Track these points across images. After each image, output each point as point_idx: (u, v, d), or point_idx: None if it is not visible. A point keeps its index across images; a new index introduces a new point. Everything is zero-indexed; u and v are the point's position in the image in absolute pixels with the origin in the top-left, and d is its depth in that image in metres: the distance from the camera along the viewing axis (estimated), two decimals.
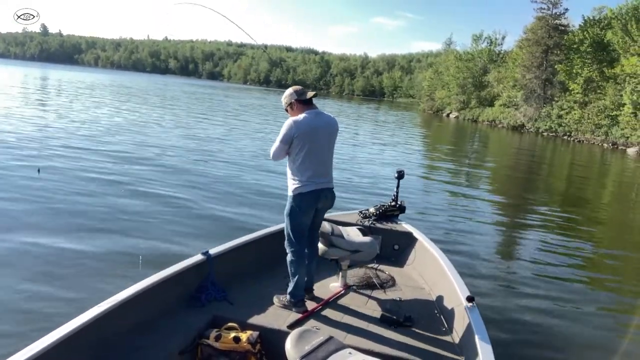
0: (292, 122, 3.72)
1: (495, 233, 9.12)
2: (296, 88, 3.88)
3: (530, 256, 7.61)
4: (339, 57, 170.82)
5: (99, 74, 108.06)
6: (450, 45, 78.58)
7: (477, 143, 31.46)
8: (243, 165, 12.87)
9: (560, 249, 8.09)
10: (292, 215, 3.80)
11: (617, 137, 34.80)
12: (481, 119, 54.68)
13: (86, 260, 5.60)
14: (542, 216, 10.63)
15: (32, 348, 2.53)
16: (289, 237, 3.86)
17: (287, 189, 3.85)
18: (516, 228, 9.73)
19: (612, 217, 11.91)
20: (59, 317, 4.08)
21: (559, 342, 4.83)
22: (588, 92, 40.09)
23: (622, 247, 9.22)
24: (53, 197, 8.03)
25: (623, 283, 7.09)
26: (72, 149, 12.49)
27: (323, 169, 3.84)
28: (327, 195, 3.89)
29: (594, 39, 40.59)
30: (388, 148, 20.80)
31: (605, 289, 6.68)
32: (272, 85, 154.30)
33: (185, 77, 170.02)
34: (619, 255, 8.53)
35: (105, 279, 5.09)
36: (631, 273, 7.62)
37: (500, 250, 8.16)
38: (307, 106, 3.83)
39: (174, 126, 20.47)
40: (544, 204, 12.42)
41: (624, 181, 19.50)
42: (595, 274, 7.28)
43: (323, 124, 3.82)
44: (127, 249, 6.04)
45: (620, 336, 5.21)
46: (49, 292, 4.77)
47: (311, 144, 3.72)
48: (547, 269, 7.03)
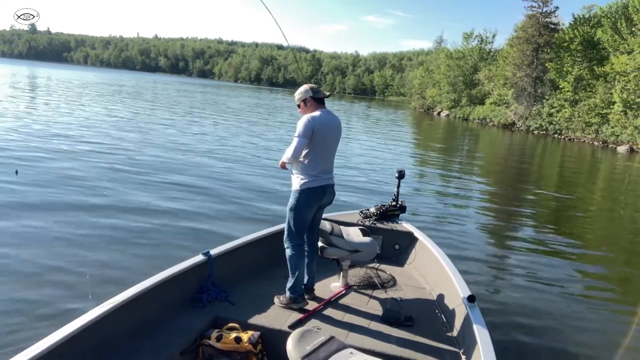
0: (311, 118, 3.80)
1: (495, 233, 9.09)
2: (312, 86, 3.99)
3: (532, 256, 7.60)
4: (330, 55, 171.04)
5: (87, 72, 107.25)
6: (441, 43, 79.09)
7: (468, 142, 31.52)
8: (246, 163, 12.86)
9: (561, 250, 8.11)
10: (297, 209, 3.84)
11: (608, 136, 35.01)
12: (472, 117, 54.94)
13: (79, 264, 5.50)
14: (541, 216, 10.66)
15: (34, 349, 2.52)
16: (291, 232, 3.88)
17: (292, 183, 3.89)
18: (516, 228, 9.69)
19: (610, 217, 11.95)
20: (53, 320, 4.04)
21: (560, 341, 4.84)
22: (578, 90, 40.34)
23: (622, 247, 9.23)
24: (39, 197, 7.91)
25: (623, 283, 7.09)
26: (69, 147, 12.37)
27: (329, 165, 3.97)
28: (331, 191, 3.99)
29: (584, 37, 40.87)
30: (381, 147, 20.79)
31: (606, 290, 6.68)
32: (263, 84, 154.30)
33: (176, 75, 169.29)
34: (618, 255, 8.54)
35: (103, 283, 5.03)
36: (631, 273, 7.63)
37: (502, 249, 8.11)
38: (320, 105, 3.94)
39: (177, 125, 20.38)
40: (544, 203, 12.43)
41: (616, 179, 19.63)
42: (596, 275, 7.27)
43: (334, 124, 3.96)
44: (126, 250, 5.98)
45: (621, 335, 5.22)
46: (43, 296, 4.69)
47: (324, 141, 3.84)
48: (548, 269, 7.04)
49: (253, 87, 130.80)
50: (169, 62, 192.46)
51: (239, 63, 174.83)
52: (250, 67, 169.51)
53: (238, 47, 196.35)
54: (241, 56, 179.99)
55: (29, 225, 6.57)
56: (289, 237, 3.90)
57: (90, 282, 5.03)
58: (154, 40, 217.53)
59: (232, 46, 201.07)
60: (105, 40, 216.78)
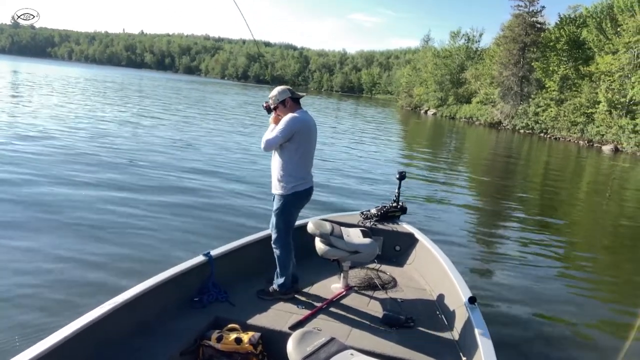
0: (295, 119, 3.81)
1: (496, 233, 9.09)
2: (289, 87, 4.01)
3: (533, 257, 7.62)
4: (317, 53, 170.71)
5: (72, 67, 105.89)
6: (428, 42, 78.98)
7: (455, 141, 31.64)
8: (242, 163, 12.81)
9: (563, 251, 8.17)
10: (287, 212, 3.93)
11: (593, 135, 35.38)
12: (459, 115, 55.24)
13: (78, 264, 5.44)
14: (541, 216, 10.74)
15: (34, 349, 2.51)
16: (281, 234, 3.95)
17: (278, 187, 3.90)
18: (516, 228, 9.64)
19: (610, 218, 12.03)
20: (53, 319, 3.99)
21: (561, 343, 4.87)
22: (564, 89, 40.74)
23: (620, 247, 9.31)
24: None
25: (623, 283, 7.13)
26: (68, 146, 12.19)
27: (311, 166, 4.03)
28: (312, 193, 4.08)
29: (570, 36, 41.29)
30: (370, 147, 20.72)
31: (606, 290, 6.72)
32: (250, 81, 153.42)
33: (162, 72, 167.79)
34: (617, 255, 8.63)
35: (102, 283, 4.98)
36: (631, 274, 7.66)
37: (502, 250, 8.07)
38: (298, 105, 3.96)
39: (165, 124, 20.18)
40: (543, 203, 12.50)
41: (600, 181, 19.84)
42: (596, 275, 7.31)
43: (313, 125, 3.98)
44: (125, 252, 5.93)
45: (622, 336, 5.27)
46: (43, 300, 4.62)
47: (307, 142, 3.88)
48: (549, 270, 7.08)
49: (240, 83, 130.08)
50: (155, 59, 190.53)
51: (225, 60, 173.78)
52: (237, 63, 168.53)
53: (225, 44, 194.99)
54: (228, 53, 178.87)
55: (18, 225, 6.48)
56: (279, 239, 3.97)
57: (90, 281, 5.00)
58: (139, 36, 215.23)
59: (219, 43, 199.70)
60: (90, 36, 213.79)
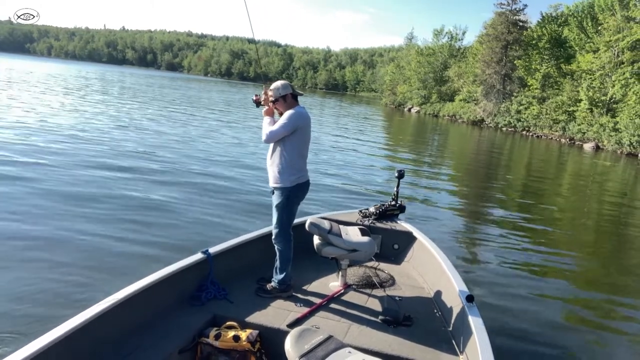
0: (299, 114, 3.86)
1: (495, 233, 9.05)
2: (288, 82, 4.06)
3: (531, 256, 7.67)
4: (301, 50, 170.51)
5: (51, 63, 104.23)
6: (411, 39, 79.49)
7: (439, 138, 31.78)
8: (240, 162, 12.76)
9: (561, 249, 8.22)
10: (288, 206, 3.93)
11: (574, 133, 35.90)
12: (442, 113, 55.64)
13: (76, 262, 5.38)
14: (540, 216, 10.76)
15: (32, 347, 2.49)
16: (282, 229, 3.95)
17: (278, 181, 3.90)
18: (515, 227, 9.64)
19: (605, 217, 12.16)
20: (52, 319, 3.92)
21: (559, 341, 4.90)
22: (546, 87, 41.31)
23: (617, 247, 9.38)
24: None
25: (623, 284, 7.12)
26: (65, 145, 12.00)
27: (306, 160, 4.05)
28: (309, 185, 4.11)
29: (552, 35, 41.88)
30: (355, 144, 20.73)
31: (605, 290, 6.74)
32: (234, 78, 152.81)
33: (144, 68, 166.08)
34: (615, 255, 8.71)
35: (101, 281, 4.95)
36: (631, 275, 7.70)
37: (500, 249, 8.05)
38: (296, 102, 4.02)
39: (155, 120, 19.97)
40: (542, 203, 12.55)
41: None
42: (596, 275, 7.36)
43: (310, 121, 4.03)
44: (125, 250, 5.89)
45: (620, 334, 5.32)
46: (39, 296, 4.60)
47: (306, 137, 3.95)
48: (548, 268, 7.13)
49: (224, 80, 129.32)
50: (136, 55, 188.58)
51: (209, 56, 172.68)
52: (220, 60, 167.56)
53: (208, 41, 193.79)
54: (211, 49, 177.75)
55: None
56: (281, 234, 3.96)
57: (89, 281, 4.97)
58: (121, 32, 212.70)
59: (202, 39, 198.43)
60: (70, 32, 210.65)
